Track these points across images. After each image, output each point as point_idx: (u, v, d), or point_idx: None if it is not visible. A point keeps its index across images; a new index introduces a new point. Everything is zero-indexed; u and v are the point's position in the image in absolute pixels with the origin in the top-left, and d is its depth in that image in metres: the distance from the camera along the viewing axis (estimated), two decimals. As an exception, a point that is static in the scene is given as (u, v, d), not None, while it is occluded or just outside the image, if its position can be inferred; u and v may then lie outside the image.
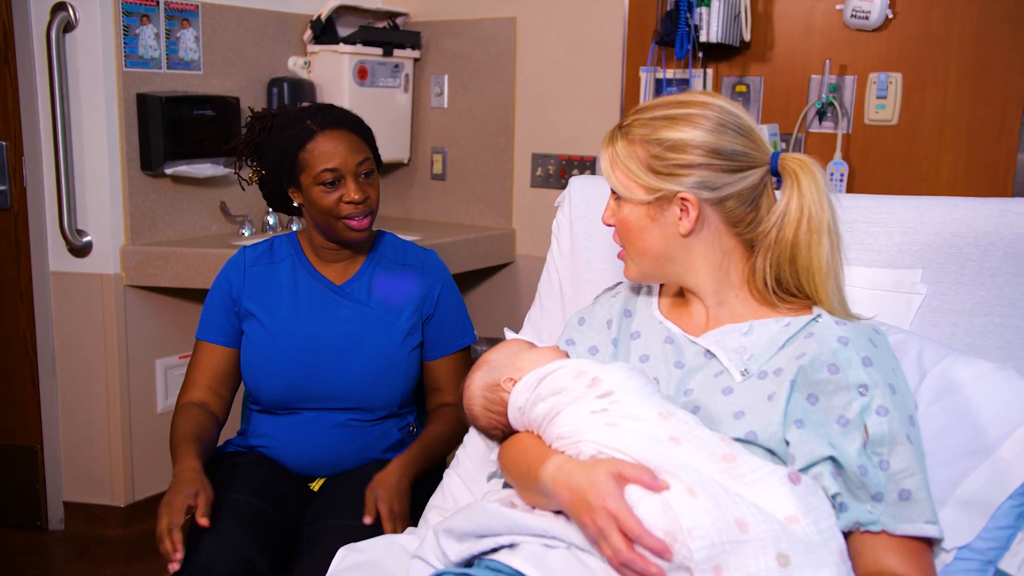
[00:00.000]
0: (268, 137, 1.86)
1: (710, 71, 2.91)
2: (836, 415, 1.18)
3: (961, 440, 1.25)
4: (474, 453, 1.71)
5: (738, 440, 1.18)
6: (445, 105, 3.52)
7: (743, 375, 1.25)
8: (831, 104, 2.72)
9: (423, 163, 3.62)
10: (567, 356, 1.37)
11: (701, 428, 1.18)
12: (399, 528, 1.66)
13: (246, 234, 3.06)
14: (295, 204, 1.90)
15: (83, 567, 2.78)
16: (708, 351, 1.31)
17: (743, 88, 2.88)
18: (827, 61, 2.70)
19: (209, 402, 1.88)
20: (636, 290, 1.47)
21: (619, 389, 1.21)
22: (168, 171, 2.84)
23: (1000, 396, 1.26)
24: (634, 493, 1.10)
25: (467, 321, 2.00)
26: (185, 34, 2.90)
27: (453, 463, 1.73)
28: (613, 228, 1.37)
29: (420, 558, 1.34)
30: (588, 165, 3.23)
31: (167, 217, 2.92)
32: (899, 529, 1.14)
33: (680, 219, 1.28)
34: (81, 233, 2.78)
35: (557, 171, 3.30)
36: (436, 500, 1.68)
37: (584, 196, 1.83)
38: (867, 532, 1.15)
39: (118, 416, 2.86)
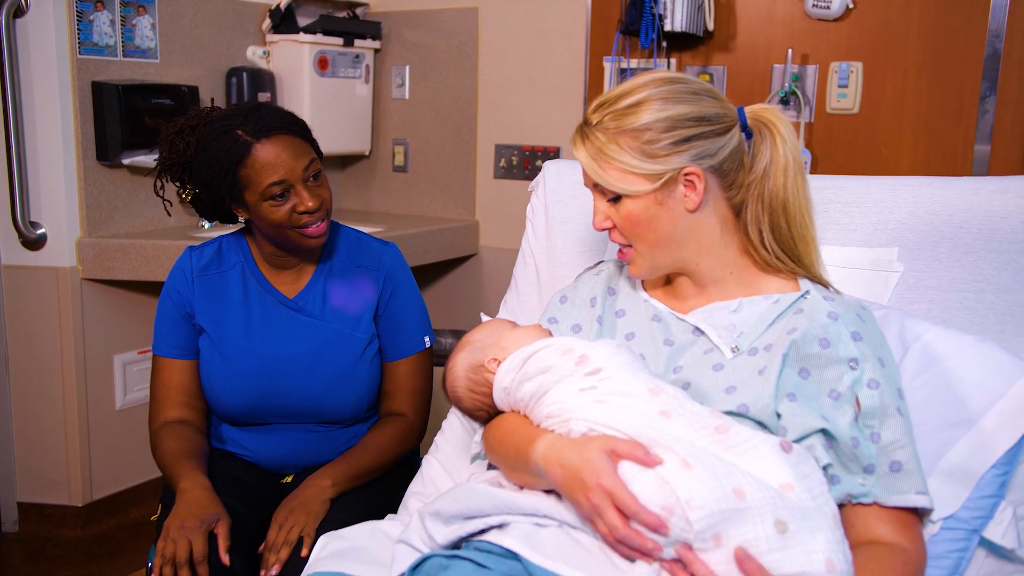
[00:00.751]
0: (197, 154, 1.68)
1: (673, 60, 2.92)
2: (828, 389, 1.19)
3: (944, 412, 1.27)
4: (452, 438, 1.69)
5: (729, 414, 1.18)
6: (407, 96, 3.49)
7: (734, 352, 1.25)
8: (793, 93, 2.74)
9: (384, 155, 3.58)
10: (550, 335, 1.36)
11: (691, 402, 1.18)
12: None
13: (206, 226, 3.00)
14: (241, 220, 1.77)
15: (39, 570, 2.70)
16: (697, 328, 1.31)
17: (706, 77, 2.89)
18: (789, 51, 2.72)
19: (188, 418, 1.78)
20: (619, 269, 1.46)
21: (608, 366, 1.21)
22: (125, 161, 2.77)
23: (981, 368, 1.27)
24: (628, 469, 1.09)
25: (424, 324, 1.88)
26: (141, 21, 2.83)
27: (432, 449, 1.71)
28: (607, 229, 1.33)
29: (405, 543, 1.31)
30: (552, 155, 3.22)
31: (124, 209, 2.85)
32: (890, 501, 1.15)
33: (686, 195, 1.28)
34: (35, 225, 2.70)
35: (521, 162, 3.29)
36: (416, 487, 1.65)
37: (559, 180, 1.82)
38: (859, 504, 1.16)
39: (75, 413, 2.78)
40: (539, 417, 1.23)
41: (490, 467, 1.40)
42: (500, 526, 1.21)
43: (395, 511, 1.65)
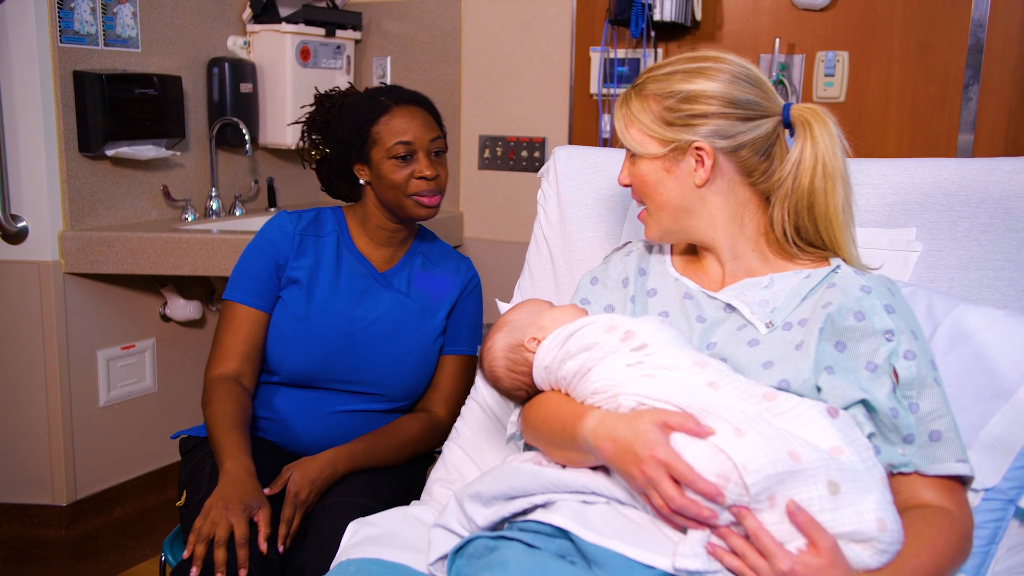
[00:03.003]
0: (339, 114, 1.84)
1: (660, 51, 2.94)
2: (864, 361, 1.20)
3: (979, 385, 1.29)
4: (474, 424, 1.68)
5: (771, 388, 1.19)
6: (388, 87, 3.46)
7: (768, 327, 1.26)
8: (781, 82, 2.77)
9: (366, 147, 3.55)
10: (586, 314, 1.36)
11: (735, 374, 1.19)
12: (296, 515, 1.59)
13: (189, 219, 2.95)
14: (361, 181, 1.84)
15: (23, 571, 2.64)
16: (728, 305, 1.31)
17: (693, 67, 2.91)
18: (776, 40, 2.75)
19: (244, 374, 1.77)
20: (648, 249, 1.47)
21: (653, 341, 1.21)
22: (109, 152, 2.71)
23: (1013, 341, 1.30)
24: (680, 440, 1.09)
25: (479, 336, 1.94)
26: (122, 9, 2.77)
27: (452, 435, 1.70)
28: (629, 189, 1.38)
29: (442, 527, 1.30)
30: (537, 146, 3.22)
31: (107, 201, 2.79)
32: (931, 470, 1.18)
33: (695, 170, 1.30)
34: (16, 218, 2.63)
35: (505, 153, 3.28)
36: (439, 473, 1.64)
37: (570, 165, 1.82)
38: (900, 473, 1.18)
39: (58, 411, 2.72)
40: (584, 394, 1.23)
41: (526, 447, 1.39)
42: (545, 505, 1.20)
43: (416, 497, 1.64)
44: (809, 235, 1.32)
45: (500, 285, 3.30)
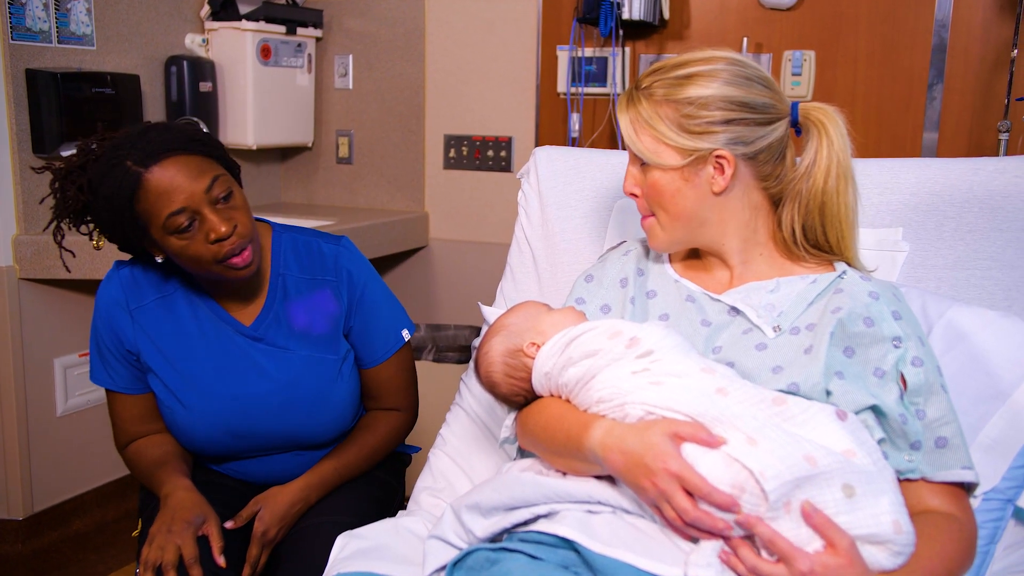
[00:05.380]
0: (92, 196, 1.45)
1: (628, 49, 2.93)
2: (872, 367, 1.20)
3: (976, 387, 1.30)
4: (459, 431, 1.65)
5: (779, 392, 1.18)
6: (350, 86, 3.41)
7: (776, 331, 1.24)
8: (748, 81, 2.78)
9: (328, 146, 3.49)
10: (585, 317, 1.34)
11: (743, 380, 1.18)
12: (263, 555, 1.52)
13: (148, 221, 2.87)
14: (159, 260, 1.53)
15: (-21, 588, 2.55)
16: (733, 308, 1.30)
17: (661, 66, 2.91)
18: (744, 39, 2.76)
19: (158, 430, 1.65)
20: (647, 249, 1.44)
21: (659, 347, 1.19)
22: (64, 154, 2.59)
23: (1008, 342, 1.30)
24: (692, 451, 1.07)
25: (397, 315, 1.71)
26: (76, 5, 2.67)
27: (438, 442, 1.66)
28: (635, 197, 1.33)
29: (438, 538, 1.27)
30: (503, 146, 3.19)
31: (62, 204, 2.69)
32: (937, 476, 1.17)
33: (714, 178, 1.26)
34: (-34, 222, 2.53)
35: (471, 152, 3.25)
36: (426, 481, 1.60)
37: (551, 166, 1.80)
38: (907, 480, 1.17)
39: (13, 421, 2.62)
40: (587, 402, 1.20)
41: (519, 452, 1.36)
42: (548, 515, 1.17)
43: (394, 504, 1.60)
44: (816, 236, 1.30)
45: (467, 285, 3.27)
